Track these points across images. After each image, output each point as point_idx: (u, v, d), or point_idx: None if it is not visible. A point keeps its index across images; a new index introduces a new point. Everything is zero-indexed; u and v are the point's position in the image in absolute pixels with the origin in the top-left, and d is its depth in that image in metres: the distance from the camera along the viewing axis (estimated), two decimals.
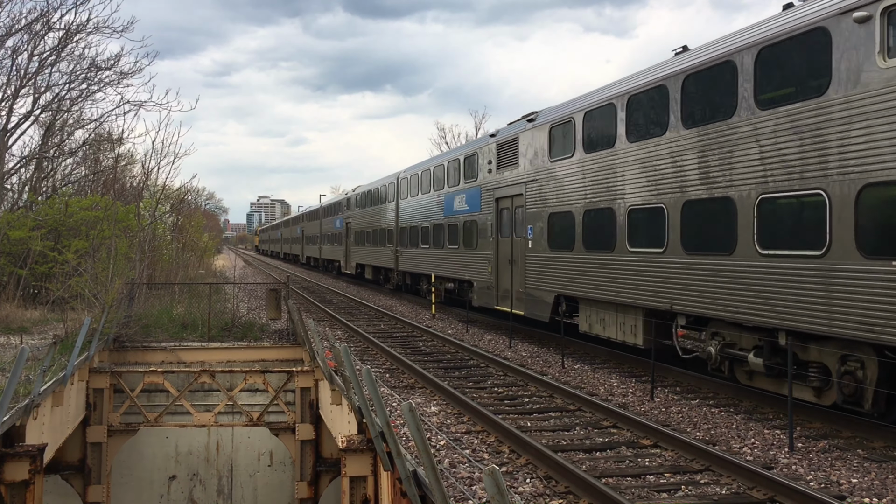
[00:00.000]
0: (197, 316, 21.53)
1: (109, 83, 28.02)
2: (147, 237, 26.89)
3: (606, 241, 15.37)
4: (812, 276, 10.28)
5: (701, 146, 12.53)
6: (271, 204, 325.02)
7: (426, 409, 12.16)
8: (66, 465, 15.66)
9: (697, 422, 11.10)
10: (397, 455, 7.27)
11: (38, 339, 18.10)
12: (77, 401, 14.94)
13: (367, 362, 16.60)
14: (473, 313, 24.01)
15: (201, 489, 18.31)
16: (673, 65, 13.47)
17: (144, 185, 31.17)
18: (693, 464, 9.13)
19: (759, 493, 8.06)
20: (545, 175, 18.25)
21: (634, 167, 14.42)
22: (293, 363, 18.14)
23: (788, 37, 10.81)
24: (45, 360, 11.56)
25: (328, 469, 15.93)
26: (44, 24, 26.18)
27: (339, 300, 32.95)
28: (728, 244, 11.82)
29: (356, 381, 9.03)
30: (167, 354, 18.68)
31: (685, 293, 12.88)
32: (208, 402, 16.69)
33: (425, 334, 20.92)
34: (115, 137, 31.00)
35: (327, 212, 54.31)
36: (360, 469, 9.66)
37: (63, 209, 26.71)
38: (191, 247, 43.81)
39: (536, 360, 16.59)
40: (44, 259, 24.95)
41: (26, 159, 29.21)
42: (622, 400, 12.62)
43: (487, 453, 9.74)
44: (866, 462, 9.09)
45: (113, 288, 19.38)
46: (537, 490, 8.35)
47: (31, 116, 27.53)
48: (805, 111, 10.49)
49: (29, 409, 10.68)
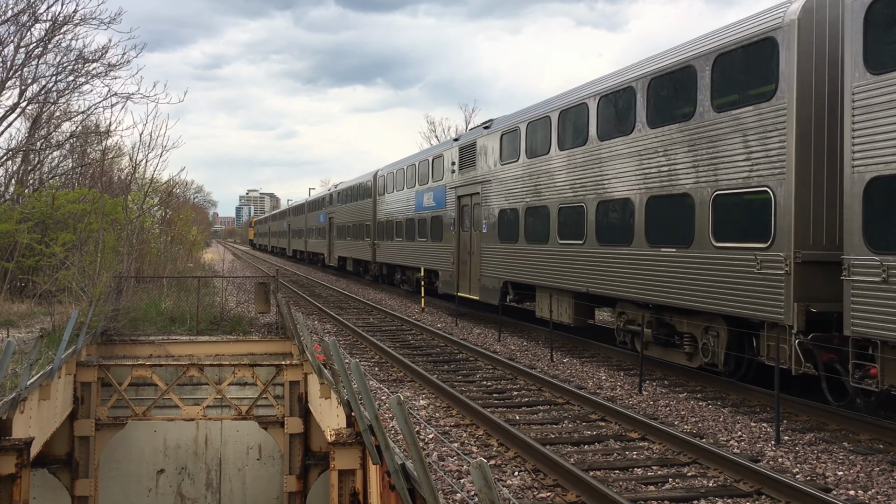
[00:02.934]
0: (185, 309, 21.45)
1: (97, 75, 27.70)
2: (135, 230, 26.77)
3: (542, 234, 17.85)
4: (682, 263, 12.71)
5: (611, 155, 15.08)
6: (260, 197, 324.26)
7: (415, 402, 12.17)
8: (54, 458, 15.58)
9: (685, 415, 11.16)
10: (386, 448, 7.27)
11: (25, 333, 18.00)
12: (64, 394, 14.86)
13: (356, 356, 16.59)
14: (463, 307, 24.06)
15: (190, 483, 18.26)
16: (593, 87, 16.15)
17: (132, 177, 31.00)
18: (680, 457, 9.18)
19: (746, 485, 8.12)
20: (497, 176, 20.68)
21: (564, 172, 16.96)
22: (282, 357, 18.10)
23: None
24: (31, 353, 11.49)
25: (317, 462, 15.92)
26: (30, 15, 25.90)
27: (328, 294, 32.90)
28: (628, 237, 14.33)
29: (345, 374, 9.02)
30: (155, 348, 18.60)
31: (598, 278, 15.46)
32: (197, 395, 16.63)
33: (414, 328, 20.92)
34: (103, 130, 30.74)
35: (311, 207, 57.03)
36: (349, 462, 9.66)
37: (50, 202, 26.51)
38: (179, 240, 43.62)
39: (525, 354, 16.62)
40: (31, 252, 24.79)
41: (13, 152, 28.93)
42: (610, 393, 12.67)
43: (476, 447, 9.76)
44: (852, 455, 9.16)
45: (101, 281, 19.28)
46: (525, 483, 8.38)
47: (17, 108, 27.22)
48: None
49: (16, 402, 10.62)
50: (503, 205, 20.04)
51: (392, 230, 31.78)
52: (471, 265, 22.48)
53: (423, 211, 27.23)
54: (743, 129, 11.43)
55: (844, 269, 9.54)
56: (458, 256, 23.50)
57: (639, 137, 14.15)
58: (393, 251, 31.86)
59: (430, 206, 26.42)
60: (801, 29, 10.56)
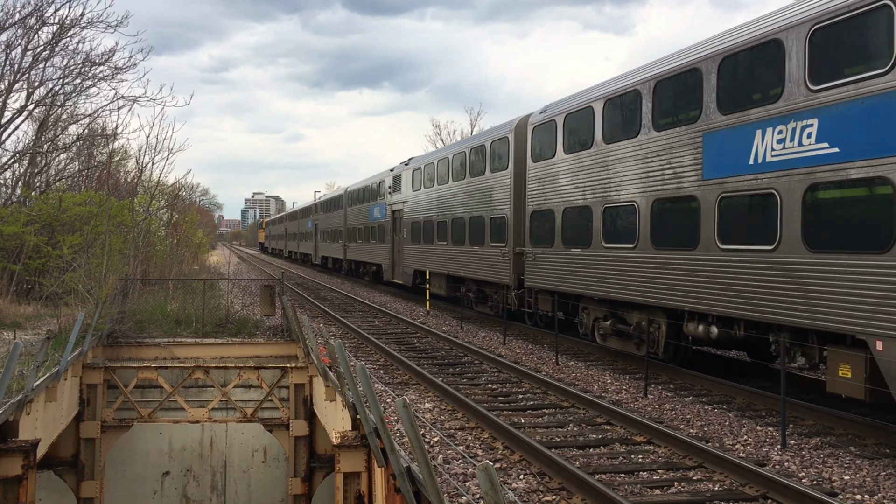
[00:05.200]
0: (191, 312, 21.50)
1: (103, 78, 27.89)
2: (141, 233, 26.82)
3: (439, 237, 25.94)
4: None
5: (466, 191, 23.53)
6: (266, 200, 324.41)
7: (420, 405, 12.17)
8: (60, 460, 15.62)
9: (691, 419, 11.14)
10: (391, 451, 7.27)
11: (32, 335, 18.06)
12: (70, 396, 14.91)
13: (362, 358, 16.59)
14: (468, 311, 24.07)
15: (195, 485, 18.29)
16: (465, 145, 24.45)
17: (139, 180, 31.12)
18: (686, 460, 9.16)
19: (752, 489, 8.10)
20: (413, 199, 29.72)
21: (459, 196, 24.19)
22: (287, 359, 18.12)
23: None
24: (38, 355, 11.53)
25: (322, 465, 15.93)
26: (38, 18, 26.05)
27: (333, 296, 32.92)
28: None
29: (350, 377, 9.03)
30: (161, 350, 18.65)
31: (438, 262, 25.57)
32: (202, 398, 16.68)
33: (419, 331, 20.93)
34: (109, 133, 30.88)
35: (303, 214, 67.69)
36: (354, 465, 9.67)
37: (57, 204, 26.61)
38: (185, 243, 43.72)
39: (531, 357, 16.61)
40: (37, 254, 24.87)
41: (20, 154, 29.08)
42: (616, 397, 12.65)
43: (481, 449, 9.76)
44: (858, 459, 9.13)
45: (107, 283, 19.33)
46: (531, 486, 8.37)
47: (24, 111, 27.41)
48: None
49: (22, 404, 10.65)
50: (415, 218, 29.07)
51: (356, 235, 41.06)
52: (398, 259, 31.82)
53: (374, 220, 36.22)
54: (500, 185, 20.91)
55: (524, 255, 19.04)
56: (392, 253, 32.51)
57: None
58: (357, 251, 41.16)
59: (378, 217, 35.64)
60: (515, 135, 20.04)
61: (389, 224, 32.92)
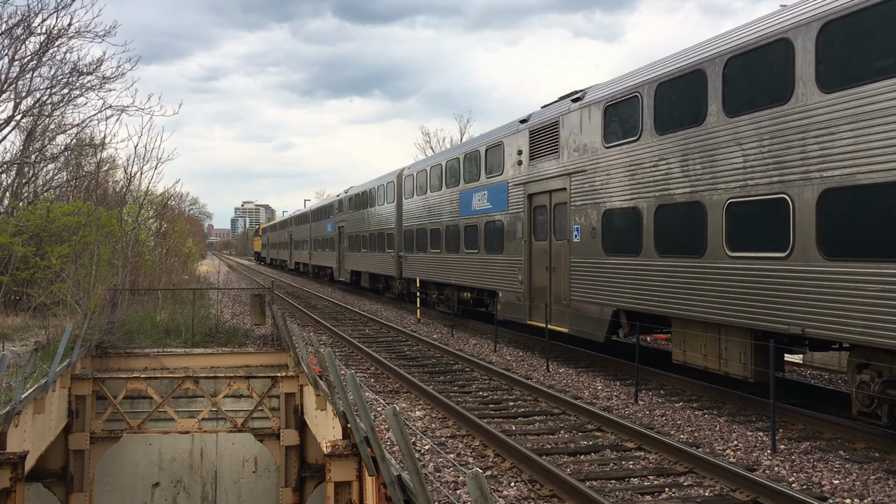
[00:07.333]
0: (180, 322, 21.41)
1: (91, 88, 27.78)
2: (130, 243, 26.72)
3: (363, 246, 36.90)
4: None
5: (375, 214, 34.55)
6: (256, 209, 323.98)
7: (411, 413, 12.15)
8: (48, 472, 15.50)
9: (681, 424, 11.16)
10: (382, 460, 7.26)
11: (20, 346, 17.94)
12: (59, 408, 14.81)
13: (352, 367, 16.57)
14: (457, 318, 24.07)
15: (185, 496, 18.18)
16: (367, 186, 37.31)
17: (127, 190, 31.01)
18: (677, 466, 9.18)
19: (742, 494, 8.12)
20: (350, 217, 40.60)
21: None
22: (278, 368, 18.06)
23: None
24: (26, 366, 11.46)
25: (313, 475, 15.86)
26: (25, 28, 25.94)
27: (323, 305, 32.87)
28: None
29: (341, 385, 9.00)
30: (150, 361, 18.55)
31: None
32: (192, 408, 16.57)
33: (410, 339, 20.91)
34: (98, 142, 30.79)
35: (283, 226, 71.93)
36: (345, 474, 9.64)
37: (45, 215, 26.49)
38: (174, 252, 43.58)
39: (521, 364, 16.62)
40: (25, 265, 24.73)
41: (7, 164, 28.94)
42: (607, 403, 12.67)
43: (472, 457, 9.75)
44: (848, 463, 9.17)
45: (95, 294, 19.24)
46: (522, 494, 8.36)
47: (11, 121, 27.25)
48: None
49: (10, 416, 10.58)
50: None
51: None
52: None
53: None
54: (388, 211, 32.46)
55: (402, 257, 29.54)
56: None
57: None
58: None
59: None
60: (396, 182, 31.20)
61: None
